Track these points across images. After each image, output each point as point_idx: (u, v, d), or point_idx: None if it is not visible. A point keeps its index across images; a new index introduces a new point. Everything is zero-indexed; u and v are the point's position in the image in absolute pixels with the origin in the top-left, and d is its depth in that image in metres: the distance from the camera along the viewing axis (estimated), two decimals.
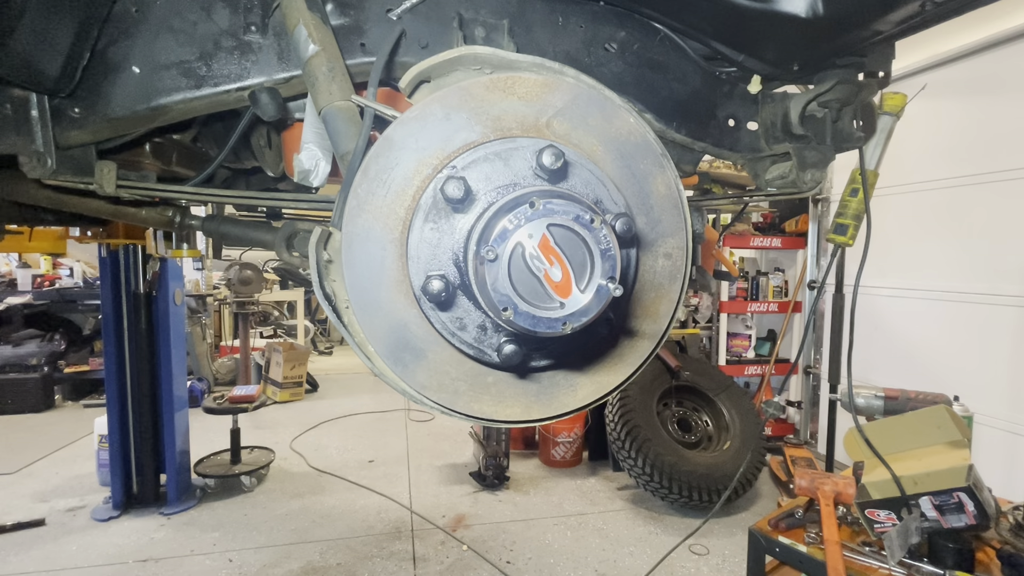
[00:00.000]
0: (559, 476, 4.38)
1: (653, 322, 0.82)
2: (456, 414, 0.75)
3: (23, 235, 2.86)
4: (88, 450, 4.50)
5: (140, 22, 0.94)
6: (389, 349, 0.72)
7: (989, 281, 3.62)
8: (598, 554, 3.31)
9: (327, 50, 0.86)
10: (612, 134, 0.76)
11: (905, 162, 4.11)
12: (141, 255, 3.56)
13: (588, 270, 0.63)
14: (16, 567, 3.08)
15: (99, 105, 0.97)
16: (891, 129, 1.34)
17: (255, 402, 4.39)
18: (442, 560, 3.21)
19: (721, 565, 3.21)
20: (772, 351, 5.28)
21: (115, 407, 3.63)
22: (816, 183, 1.17)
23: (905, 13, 0.87)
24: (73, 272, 7.25)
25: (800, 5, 0.89)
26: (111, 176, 1.11)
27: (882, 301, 4.37)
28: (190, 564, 3.13)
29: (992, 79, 3.65)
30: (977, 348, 3.68)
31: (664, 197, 0.80)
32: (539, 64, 0.78)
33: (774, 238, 5.24)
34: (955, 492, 1.63)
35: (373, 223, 0.70)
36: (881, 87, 1.16)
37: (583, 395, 0.80)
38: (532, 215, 0.61)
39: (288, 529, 3.53)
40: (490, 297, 0.61)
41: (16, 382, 5.79)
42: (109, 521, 3.57)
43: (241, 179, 1.96)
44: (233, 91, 0.97)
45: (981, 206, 3.70)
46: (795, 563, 1.86)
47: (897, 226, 4.25)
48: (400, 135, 0.70)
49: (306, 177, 0.94)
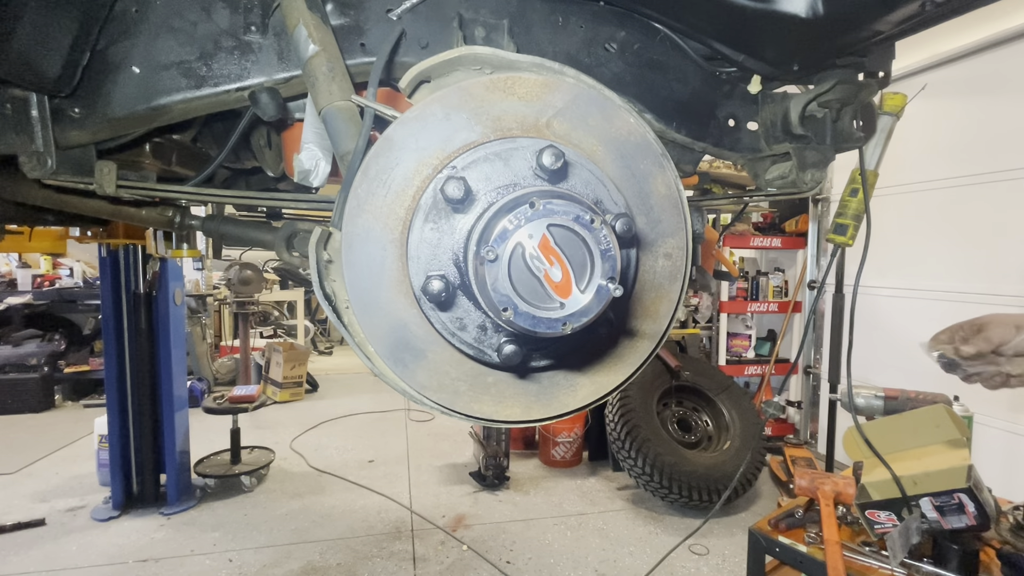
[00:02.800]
0: (559, 476, 4.38)
1: (653, 322, 0.82)
2: (456, 414, 0.75)
3: (23, 235, 2.86)
4: (88, 450, 4.50)
5: (140, 22, 0.94)
6: (389, 349, 0.72)
7: (989, 281, 3.62)
8: (598, 554, 3.31)
9: (327, 50, 0.86)
10: (612, 134, 0.76)
11: (905, 162, 4.11)
12: (141, 255, 3.56)
13: (588, 270, 0.63)
14: (16, 567, 3.08)
15: (99, 105, 0.97)
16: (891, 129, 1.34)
17: (255, 402, 4.39)
18: (442, 560, 3.21)
19: (721, 565, 3.21)
20: (772, 351, 5.27)
21: (115, 407, 3.63)
22: (816, 183, 1.17)
23: (905, 13, 0.87)
24: (73, 272, 7.25)
25: (800, 5, 0.89)
26: (111, 176, 1.11)
27: (882, 301, 4.37)
28: (190, 564, 3.13)
29: (992, 79, 3.65)
30: None
31: (664, 197, 0.79)
32: (539, 64, 0.78)
33: (774, 238, 5.24)
34: (955, 493, 1.62)
35: (373, 223, 0.70)
36: (881, 87, 1.16)
37: (583, 395, 0.80)
38: (532, 215, 0.61)
39: (288, 529, 3.53)
40: (490, 297, 0.61)
41: (16, 382, 5.79)
42: (109, 521, 3.57)
43: (241, 179, 1.96)
44: (233, 91, 0.97)
45: (981, 206, 3.70)
46: (795, 563, 1.85)
47: (897, 226, 4.25)
48: (400, 135, 0.70)
49: (306, 177, 0.94)
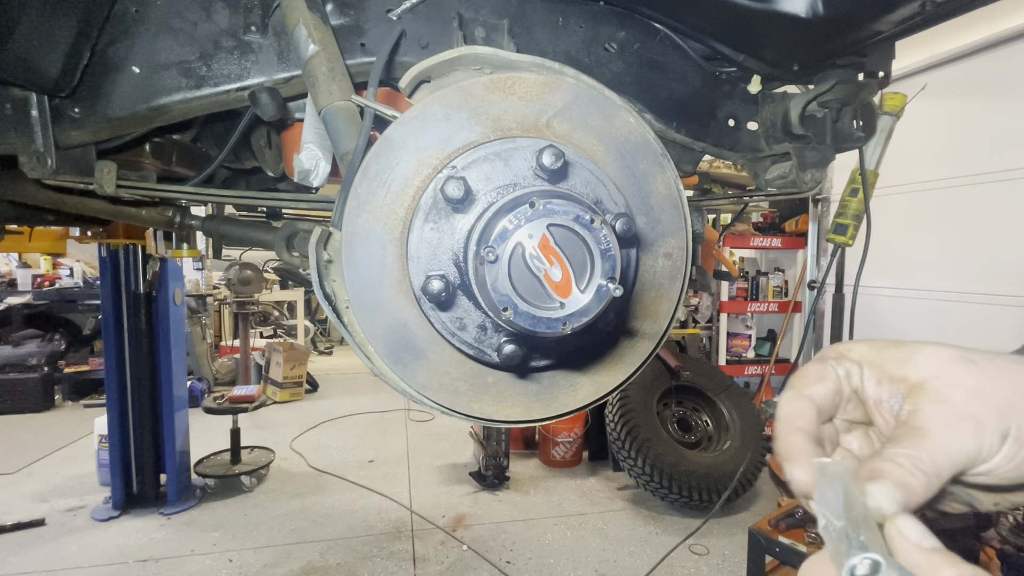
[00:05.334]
0: (559, 476, 4.38)
1: (653, 322, 0.82)
2: (456, 414, 0.75)
3: (23, 235, 2.87)
4: (88, 450, 4.49)
5: (140, 22, 0.94)
6: (389, 349, 0.72)
7: (989, 281, 3.62)
8: (598, 554, 3.30)
9: (327, 50, 0.86)
10: (612, 134, 0.76)
11: (905, 162, 4.11)
12: (141, 255, 3.56)
13: (588, 270, 0.63)
14: (16, 567, 3.08)
15: (99, 105, 0.97)
16: (891, 129, 1.34)
17: (255, 402, 4.39)
18: (442, 560, 3.21)
19: (721, 565, 3.21)
20: (772, 351, 5.27)
21: (115, 407, 3.63)
22: (816, 183, 1.17)
23: (905, 13, 0.87)
24: (73, 272, 7.25)
25: (800, 5, 0.89)
26: (111, 176, 1.11)
27: (882, 301, 4.37)
28: (190, 564, 3.13)
29: (992, 79, 3.65)
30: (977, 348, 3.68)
31: (664, 197, 0.79)
32: (539, 64, 0.78)
33: (774, 238, 5.24)
34: None
35: (373, 223, 0.70)
36: (881, 87, 1.16)
37: (583, 395, 0.80)
38: (532, 215, 0.61)
39: (288, 529, 3.53)
40: (490, 297, 0.61)
41: (16, 382, 5.79)
42: (109, 521, 3.57)
43: (241, 179, 1.96)
44: (233, 91, 0.97)
45: (981, 206, 3.70)
46: (795, 563, 1.86)
47: (897, 226, 4.25)
48: (400, 135, 0.70)
49: (306, 177, 0.94)
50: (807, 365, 0.49)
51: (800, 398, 0.46)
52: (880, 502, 0.36)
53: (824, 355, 0.49)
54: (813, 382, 0.47)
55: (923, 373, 0.42)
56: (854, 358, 0.47)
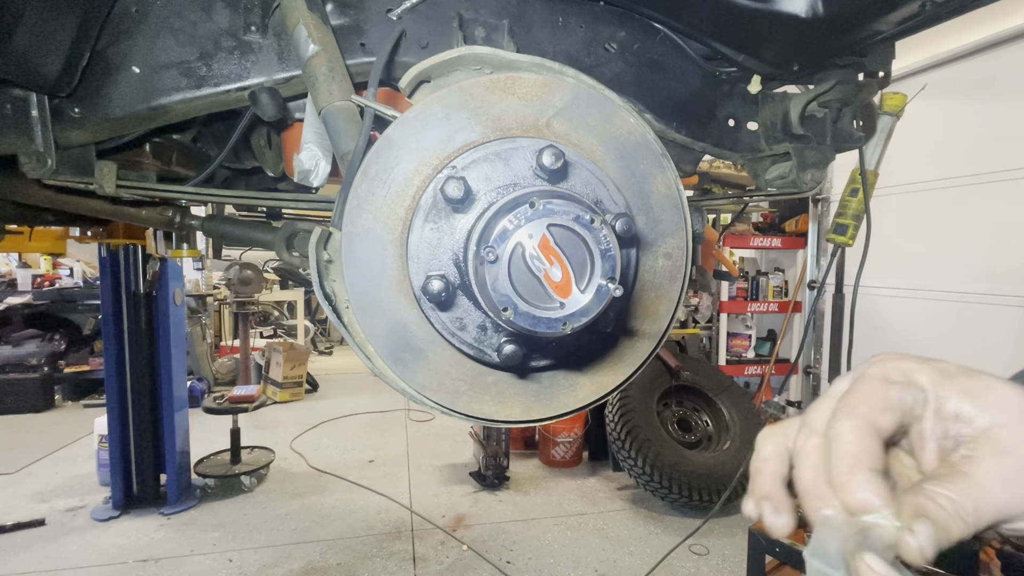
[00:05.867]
0: (559, 476, 4.38)
1: (653, 322, 0.82)
2: (456, 414, 0.75)
3: (23, 235, 2.87)
4: (88, 450, 4.49)
5: (140, 22, 0.94)
6: (389, 349, 0.72)
7: (989, 281, 3.62)
8: (598, 554, 3.30)
9: (327, 50, 0.86)
10: (612, 134, 0.76)
11: (905, 162, 4.11)
12: (141, 255, 3.56)
13: (588, 270, 0.63)
14: (16, 567, 3.08)
15: (99, 105, 0.97)
16: (891, 129, 1.34)
17: (255, 402, 4.39)
18: (442, 560, 3.21)
19: (721, 565, 3.21)
20: (772, 351, 5.27)
21: (115, 407, 3.63)
22: (816, 183, 1.17)
23: (905, 13, 0.87)
24: (73, 272, 7.25)
25: (800, 5, 0.89)
26: (111, 176, 1.11)
27: (882, 301, 4.38)
28: (190, 564, 3.13)
29: (992, 79, 3.65)
30: (977, 348, 3.68)
31: (664, 197, 0.79)
32: (539, 64, 0.78)
33: (774, 238, 5.24)
34: None
35: (373, 223, 0.70)
36: (881, 87, 1.16)
37: (583, 395, 0.80)
38: (532, 215, 0.61)
39: (288, 529, 3.53)
40: (490, 297, 0.61)
41: (16, 382, 5.79)
42: (109, 521, 3.57)
43: (241, 179, 1.96)
44: (233, 91, 0.97)
45: (981, 206, 3.70)
46: (795, 563, 1.86)
47: (897, 226, 4.25)
48: (400, 135, 0.70)
49: (306, 177, 0.94)
50: (866, 381, 0.42)
51: (869, 433, 0.39)
52: (923, 542, 0.35)
53: (887, 375, 0.41)
54: (879, 410, 0.40)
55: (992, 418, 0.39)
56: (922, 384, 0.41)
